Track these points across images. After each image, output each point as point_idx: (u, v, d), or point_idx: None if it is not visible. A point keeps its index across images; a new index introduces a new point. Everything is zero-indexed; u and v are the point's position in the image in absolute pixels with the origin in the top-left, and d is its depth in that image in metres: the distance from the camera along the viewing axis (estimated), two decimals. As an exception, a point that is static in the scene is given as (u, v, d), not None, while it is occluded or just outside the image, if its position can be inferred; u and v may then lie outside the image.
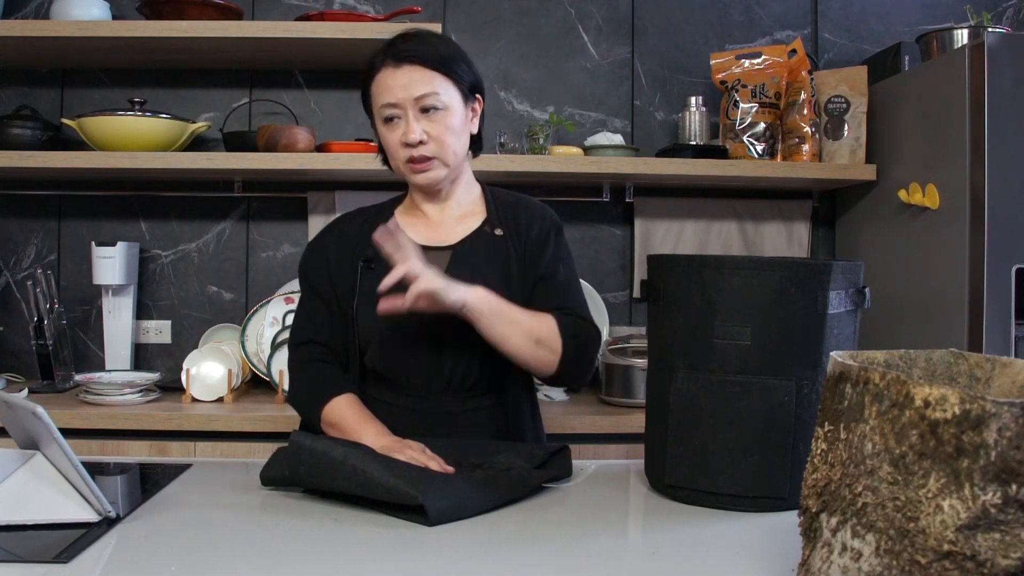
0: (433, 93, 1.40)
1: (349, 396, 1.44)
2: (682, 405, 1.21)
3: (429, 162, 1.43)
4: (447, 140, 1.41)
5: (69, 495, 1.07)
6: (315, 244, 1.57)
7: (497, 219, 1.51)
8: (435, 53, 1.41)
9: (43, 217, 2.60)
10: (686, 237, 2.67)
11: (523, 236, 1.50)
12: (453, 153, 1.43)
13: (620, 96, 2.68)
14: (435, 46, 1.42)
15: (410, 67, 1.40)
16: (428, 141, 1.41)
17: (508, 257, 1.47)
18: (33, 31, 2.24)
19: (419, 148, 1.41)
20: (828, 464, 0.80)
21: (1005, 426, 0.64)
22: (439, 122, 1.41)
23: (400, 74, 1.40)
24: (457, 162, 1.46)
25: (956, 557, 0.66)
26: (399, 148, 1.43)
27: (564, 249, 1.53)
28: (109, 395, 2.16)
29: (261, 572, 0.94)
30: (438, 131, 1.41)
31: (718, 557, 1.00)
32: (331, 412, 1.42)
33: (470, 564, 0.97)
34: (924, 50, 2.34)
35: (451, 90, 1.42)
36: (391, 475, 1.12)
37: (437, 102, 1.40)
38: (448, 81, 1.41)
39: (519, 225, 1.51)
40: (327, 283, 1.51)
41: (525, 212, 1.53)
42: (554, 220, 1.54)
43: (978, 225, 1.99)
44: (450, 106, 1.41)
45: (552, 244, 1.50)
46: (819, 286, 1.15)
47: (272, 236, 2.63)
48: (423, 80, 1.40)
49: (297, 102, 2.62)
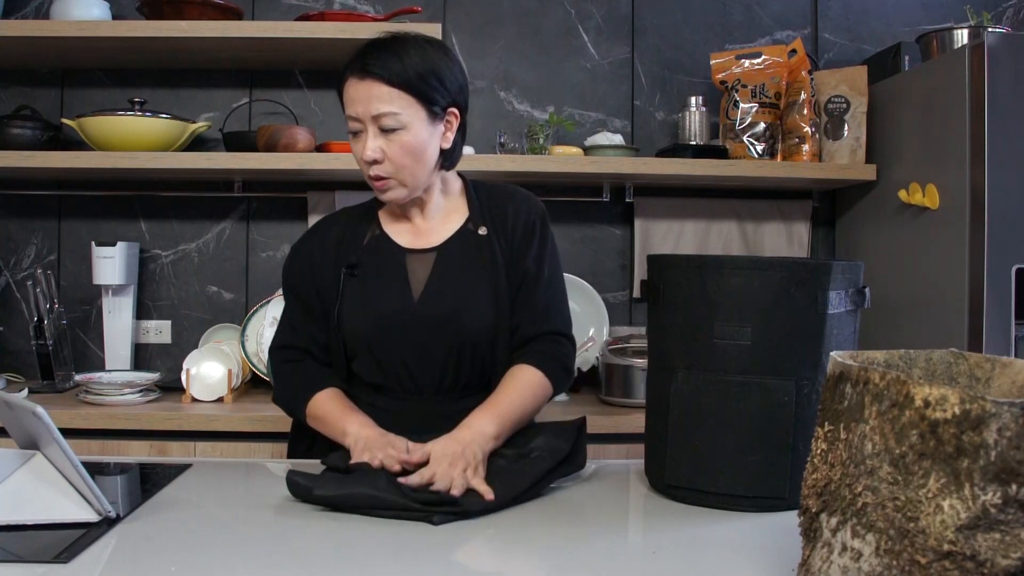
0: (391, 113, 1.35)
1: (332, 390, 1.43)
2: (682, 405, 1.21)
3: (386, 181, 1.40)
4: (404, 162, 1.38)
5: (69, 495, 1.07)
6: (298, 249, 1.55)
7: (480, 216, 1.49)
8: (400, 68, 1.34)
9: (43, 217, 2.60)
10: (686, 237, 2.67)
11: (508, 230, 1.48)
12: (411, 175, 1.39)
13: (620, 96, 2.68)
14: (405, 60, 1.35)
15: (371, 82, 1.35)
16: (384, 161, 1.38)
17: (493, 256, 1.46)
18: (33, 31, 2.24)
19: (374, 167, 1.38)
20: (828, 464, 0.80)
21: (1005, 426, 0.64)
22: (395, 142, 1.36)
23: (362, 88, 1.35)
24: (418, 182, 1.42)
25: (956, 557, 0.66)
26: (361, 162, 1.40)
27: (550, 242, 1.51)
28: (109, 395, 2.16)
29: (261, 572, 0.94)
30: (394, 152, 1.37)
31: (718, 557, 1.00)
32: (315, 406, 1.42)
33: (470, 564, 0.97)
34: (924, 50, 2.34)
35: (413, 109, 1.36)
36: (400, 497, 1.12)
37: (395, 122, 1.35)
38: (410, 99, 1.35)
39: (505, 218, 1.49)
40: (310, 288, 1.49)
41: (510, 203, 1.51)
42: (539, 210, 1.52)
43: (978, 225, 1.99)
44: (409, 125, 1.36)
45: (538, 238, 1.49)
46: (819, 286, 1.15)
47: (272, 236, 2.63)
48: (382, 97, 1.34)
49: (297, 102, 2.62)
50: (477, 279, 1.44)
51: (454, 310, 1.42)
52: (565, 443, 1.29)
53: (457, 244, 1.47)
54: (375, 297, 1.44)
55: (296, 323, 1.51)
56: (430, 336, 1.42)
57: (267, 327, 2.34)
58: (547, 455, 1.26)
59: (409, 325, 1.42)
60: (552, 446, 1.28)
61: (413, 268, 1.46)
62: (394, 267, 1.46)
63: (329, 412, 1.40)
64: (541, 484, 1.23)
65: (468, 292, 1.44)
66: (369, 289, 1.45)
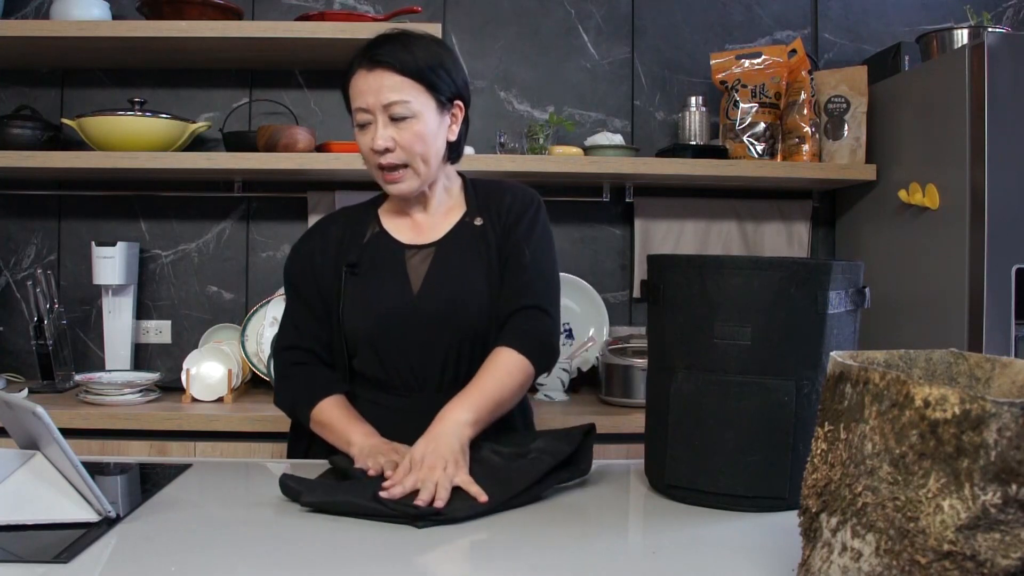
0: (402, 101, 1.37)
1: (338, 397, 1.43)
2: (682, 405, 1.21)
3: (399, 172, 1.41)
4: (416, 149, 1.39)
5: (69, 495, 1.07)
6: (299, 248, 1.55)
7: (477, 208, 1.50)
8: (410, 59, 1.37)
9: (43, 217, 2.60)
10: (686, 237, 2.67)
11: (502, 217, 1.49)
12: (423, 161, 1.41)
13: (620, 96, 2.68)
14: (413, 51, 1.38)
15: (382, 72, 1.37)
16: (395, 149, 1.39)
17: (488, 244, 1.47)
18: (33, 31, 2.24)
19: (386, 156, 1.39)
20: (828, 464, 0.80)
21: (1005, 426, 0.64)
22: (407, 130, 1.38)
23: (372, 78, 1.38)
24: (429, 171, 1.43)
25: (956, 557, 0.66)
26: (369, 154, 1.41)
27: (540, 226, 1.51)
28: (109, 395, 2.16)
29: (261, 572, 0.94)
30: (406, 139, 1.38)
31: (718, 557, 1.00)
32: (320, 413, 1.42)
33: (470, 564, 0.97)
34: (924, 50, 2.34)
35: (423, 98, 1.39)
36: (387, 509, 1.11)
37: (406, 110, 1.37)
38: (420, 88, 1.38)
39: (500, 207, 1.50)
40: (312, 287, 1.50)
41: (506, 194, 1.52)
42: (531, 197, 1.52)
43: (978, 225, 1.99)
44: (420, 114, 1.38)
45: (527, 221, 1.49)
46: (819, 286, 1.15)
47: (272, 236, 2.63)
48: (393, 87, 1.37)
49: (297, 102, 2.62)
50: (474, 270, 1.45)
51: (453, 303, 1.42)
52: (567, 445, 1.26)
53: (455, 237, 1.48)
54: (375, 294, 1.45)
55: (300, 323, 1.51)
56: (431, 330, 1.42)
57: (267, 327, 2.34)
58: (547, 456, 1.23)
59: (409, 320, 1.42)
60: (553, 448, 1.25)
61: (413, 264, 1.47)
62: (393, 263, 1.47)
63: (335, 420, 1.39)
64: (539, 487, 1.20)
65: (466, 284, 1.44)
66: (369, 286, 1.46)
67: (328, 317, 1.49)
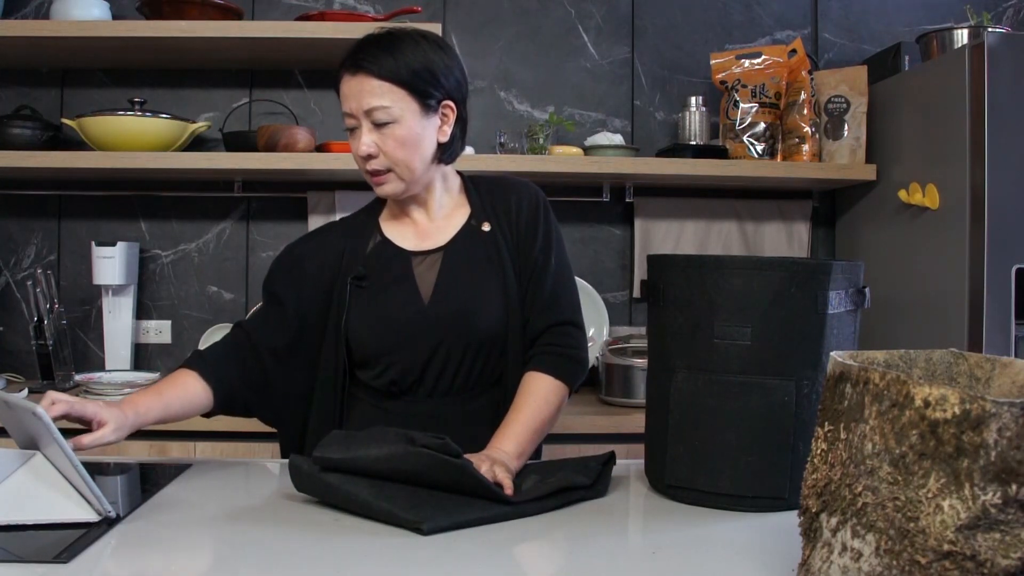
0: (382, 107, 1.35)
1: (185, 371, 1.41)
2: (682, 405, 1.21)
3: (384, 175, 1.40)
4: (397, 155, 1.38)
5: (69, 495, 1.07)
6: (291, 250, 1.54)
7: (482, 211, 1.49)
8: (390, 62, 1.35)
9: (43, 217, 2.60)
10: (686, 237, 2.67)
11: (512, 222, 1.48)
12: (407, 167, 1.39)
13: (620, 96, 2.68)
14: (396, 54, 1.36)
15: (363, 77, 1.36)
16: (378, 154, 1.38)
17: (499, 252, 1.46)
18: (33, 31, 2.24)
19: (370, 162, 1.39)
20: (828, 464, 0.80)
21: (1005, 426, 0.64)
22: (389, 136, 1.37)
23: (354, 83, 1.37)
24: (414, 175, 1.41)
25: (956, 557, 0.66)
26: (357, 158, 1.41)
27: (554, 230, 1.51)
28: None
29: (261, 572, 0.94)
30: (388, 145, 1.37)
31: (718, 557, 1.00)
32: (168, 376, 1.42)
33: (470, 564, 0.97)
34: (924, 50, 2.34)
35: (404, 102, 1.36)
36: (383, 500, 1.10)
37: (387, 115, 1.35)
38: (402, 92, 1.35)
39: (508, 211, 1.49)
40: (289, 290, 1.48)
41: (511, 195, 1.50)
42: (539, 197, 1.52)
43: (978, 225, 1.99)
44: (401, 119, 1.36)
45: (542, 227, 1.48)
46: (819, 286, 1.15)
47: (272, 236, 2.63)
48: (373, 92, 1.35)
49: (297, 102, 2.62)
50: (485, 277, 1.44)
51: (465, 309, 1.42)
52: (586, 478, 1.24)
53: (462, 242, 1.47)
54: (384, 304, 1.43)
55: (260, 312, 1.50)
56: (443, 337, 1.41)
57: (267, 327, 2.33)
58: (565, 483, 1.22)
59: (421, 328, 1.41)
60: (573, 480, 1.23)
61: (420, 271, 1.45)
62: (400, 272, 1.45)
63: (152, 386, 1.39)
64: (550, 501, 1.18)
65: (477, 290, 1.43)
66: (377, 297, 1.44)
67: (298, 321, 1.45)
